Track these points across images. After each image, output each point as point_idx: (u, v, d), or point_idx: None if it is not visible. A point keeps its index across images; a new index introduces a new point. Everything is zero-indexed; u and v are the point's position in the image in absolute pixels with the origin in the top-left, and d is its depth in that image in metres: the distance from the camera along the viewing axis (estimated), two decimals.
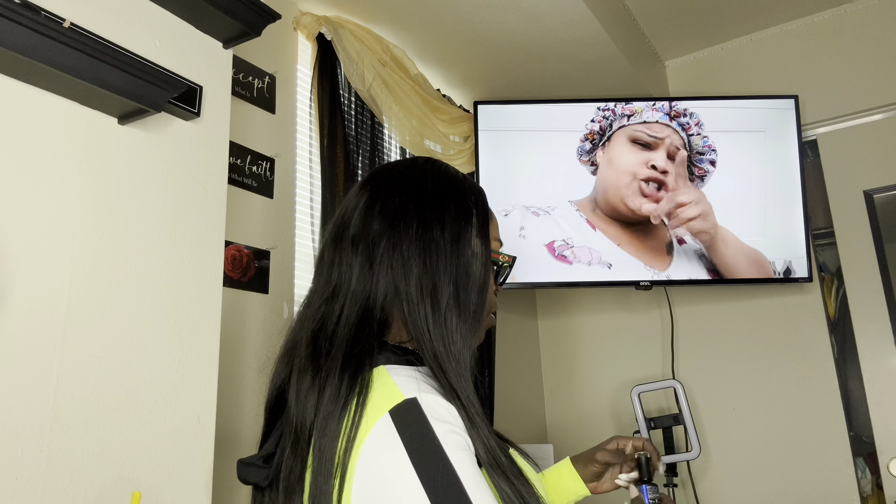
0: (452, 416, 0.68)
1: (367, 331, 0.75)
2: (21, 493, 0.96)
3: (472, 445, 0.68)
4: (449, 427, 0.67)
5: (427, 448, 0.64)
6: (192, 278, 1.25)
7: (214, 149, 1.35)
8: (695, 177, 2.38)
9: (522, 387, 2.80)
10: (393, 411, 0.66)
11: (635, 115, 2.31)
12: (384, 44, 2.18)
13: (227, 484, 1.41)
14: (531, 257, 2.30)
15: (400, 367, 0.73)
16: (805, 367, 2.46)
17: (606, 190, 2.36)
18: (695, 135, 2.34)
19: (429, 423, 0.66)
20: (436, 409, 0.67)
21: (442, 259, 0.77)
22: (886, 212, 2.44)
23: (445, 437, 0.65)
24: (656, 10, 2.55)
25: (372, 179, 0.86)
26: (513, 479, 0.68)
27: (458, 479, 0.63)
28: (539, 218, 2.29)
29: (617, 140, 2.30)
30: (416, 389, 0.68)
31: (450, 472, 0.64)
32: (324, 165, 1.92)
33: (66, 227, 1.08)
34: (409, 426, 0.65)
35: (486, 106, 2.51)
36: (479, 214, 0.83)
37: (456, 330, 0.75)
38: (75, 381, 1.04)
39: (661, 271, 2.26)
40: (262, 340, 1.68)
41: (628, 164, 2.29)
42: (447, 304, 0.75)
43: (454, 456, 0.65)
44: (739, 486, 2.49)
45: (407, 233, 0.78)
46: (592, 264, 2.24)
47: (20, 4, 1.02)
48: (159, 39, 1.27)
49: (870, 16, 2.55)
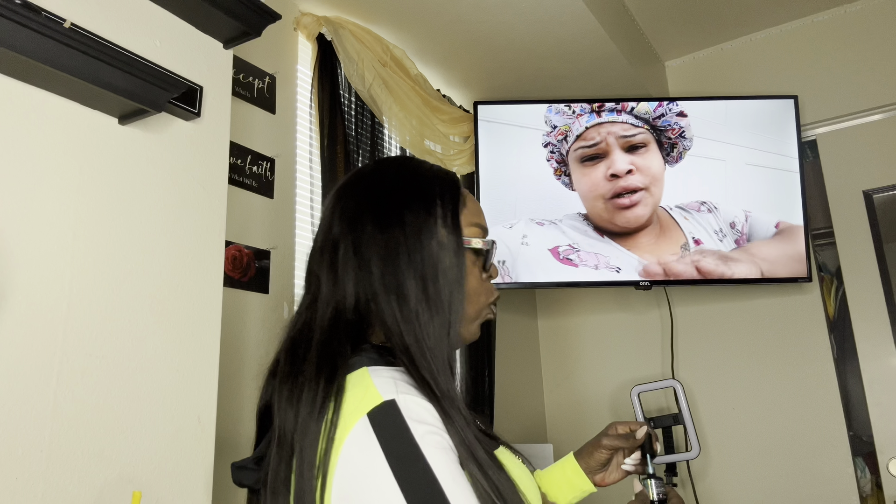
0: (432, 415, 0.68)
1: (339, 334, 0.75)
2: (21, 493, 0.96)
3: (452, 444, 0.67)
4: (427, 427, 0.67)
5: (404, 450, 0.64)
6: (193, 278, 1.25)
7: (215, 149, 1.35)
8: (671, 156, 2.34)
9: (522, 387, 2.80)
10: (371, 413, 0.66)
11: (569, 135, 2.25)
12: (384, 44, 2.18)
13: (226, 484, 1.41)
14: (535, 261, 2.29)
15: (381, 368, 0.73)
16: (805, 367, 2.46)
17: (595, 215, 2.32)
18: (659, 117, 2.27)
19: (406, 425, 0.66)
20: (414, 410, 0.67)
21: (403, 255, 0.76)
22: (886, 212, 2.44)
23: (424, 438, 0.65)
24: (656, 10, 2.55)
25: (340, 186, 0.87)
26: (490, 472, 0.68)
27: (436, 480, 0.63)
28: (543, 227, 2.28)
29: (573, 167, 2.28)
30: (395, 391, 0.68)
31: (427, 473, 0.64)
32: (324, 165, 1.92)
33: (66, 227, 1.08)
34: (387, 428, 0.66)
35: (486, 106, 2.51)
36: (445, 203, 0.80)
37: (428, 324, 0.74)
38: (75, 381, 1.04)
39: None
40: (262, 340, 1.69)
41: (594, 185, 2.26)
42: (416, 298, 0.75)
43: (432, 456, 0.65)
44: (739, 486, 2.49)
45: (364, 233, 0.78)
46: (599, 268, 2.23)
47: (20, 4, 1.02)
48: (159, 39, 1.27)
49: (870, 16, 2.55)
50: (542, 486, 1.01)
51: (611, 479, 1.02)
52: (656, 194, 2.32)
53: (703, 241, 2.22)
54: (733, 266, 2.22)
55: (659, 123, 2.29)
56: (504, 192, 2.45)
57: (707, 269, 2.20)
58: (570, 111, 2.41)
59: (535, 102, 2.51)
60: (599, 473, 1.02)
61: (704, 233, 2.24)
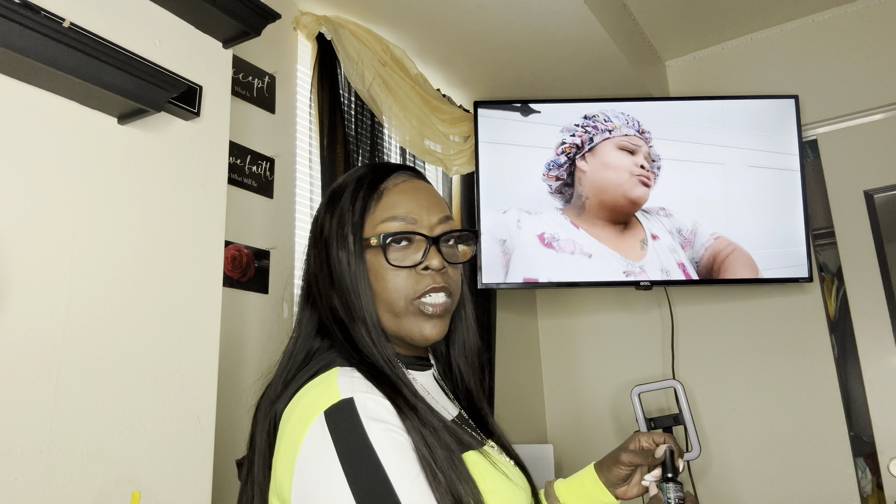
0: (390, 413, 0.68)
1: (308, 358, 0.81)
2: (21, 493, 0.96)
3: (412, 442, 0.67)
4: (383, 425, 0.67)
5: (356, 448, 0.65)
6: (192, 278, 1.25)
7: (214, 149, 1.35)
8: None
9: (522, 387, 2.80)
10: (328, 412, 0.67)
11: (616, 130, 2.55)
12: (384, 44, 2.18)
13: (226, 484, 1.41)
14: (526, 245, 2.48)
15: (348, 368, 0.74)
16: (805, 367, 2.46)
17: (605, 189, 2.50)
18: (651, 146, 2.56)
19: (361, 423, 0.66)
20: (371, 408, 0.68)
21: (324, 276, 0.82)
22: (886, 212, 2.44)
23: (378, 436, 0.66)
24: (656, 10, 2.55)
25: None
26: (447, 474, 0.67)
27: (387, 479, 0.63)
28: (532, 216, 2.50)
29: (605, 149, 2.52)
30: (352, 389, 0.69)
31: (378, 472, 0.64)
32: (324, 165, 1.92)
33: (66, 227, 1.08)
34: (341, 426, 0.66)
35: (485, 106, 2.52)
36: (355, 210, 0.81)
37: (358, 333, 0.78)
38: (75, 381, 1.04)
39: (636, 262, 2.48)
40: (262, 340, 1.68)
41: (623, 165, 2.53)
42: (342, 312, 0.79)
43: (385, 455, 0.65)
44: (739, 486, 2.49)
45: (308, 266, 0.85)
46: (575, 253, 2.46)
47: (20, 4, 1.02)
48: (159, 39, 1.27)
49: (870, 16, 2.55)
50: (562, 498, 0.99)
51: (632, 494, 1.00)
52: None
53: (659, 237, 2.49)
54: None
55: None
56: (503, 190, 2.46)
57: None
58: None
59: (536, 102, 2.51)
60: (621, 487, 0.99)
61: (662, 230, 2.50)
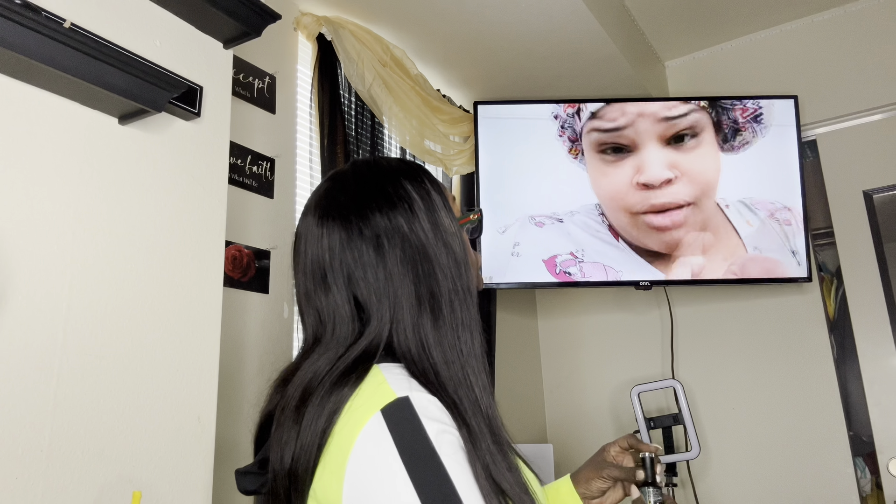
0: (444, 413, 0.68)
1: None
2: (21, 492, 0.96)
3: (464, 444, 0.67)
4: (441, 426, 0.66)
5: (418, 447, 0.64)
6: (193, 278, 1.25)
7: (215, 149, 1.35)
8: (731, 144, 1.80)
9: (522, 387, 2.80)
10: (385, 410, 0.66)
11: (582, 108, 1.61)
12: (384, 44, 2.18)
13: (227, 484, 1.41)
14: (525, 273, 2.06)
15: (392, 365, 0.72)
16: (804, 367, 2.46)
17: (619, 227, 1.84)
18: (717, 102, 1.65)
19: (420, 422, 0.65)
20: (428, 408, 0.67)
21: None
22: (886, 212, 2.44)
23: (438, 437, 0.65)
24: (656, 10, 2.55)
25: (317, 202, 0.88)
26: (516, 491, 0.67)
27: (450, 480, 0.63)
28: (543, 228, 1.87)
29: (589, 158, 1.69)
30: (408, 388, 0.68)
31: (441, 472, 0.63)
32: (324, 165, 1.92)
33: (66, 227, 1.08)
34: (400, 425, 0.65)
35: (486, 106, 2.51)
36: (435, 189, 0.82)
37: (449, 334, 0.74)
38: (75, 381, 1.05)
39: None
40: (262, 340, 1.69)
41: (616, 193, 1.63)
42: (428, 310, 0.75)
43: (446, 456, 0.64)
44: (739, 485, 2.49)
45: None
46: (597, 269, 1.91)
47: (20, 4, 1.03)
48: (159, 39, 1.27)
49: (870, 16, 2.55)
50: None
51: (609, 503, 1.00)
52: (707, 209, 1.64)
53: (764, 249, 1.47)
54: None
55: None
56: (505, 192, 2.45)
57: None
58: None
59: (535, 102, 2.51)
60: (596, 499, 1.00)
61: (770, 241, 1.49)
